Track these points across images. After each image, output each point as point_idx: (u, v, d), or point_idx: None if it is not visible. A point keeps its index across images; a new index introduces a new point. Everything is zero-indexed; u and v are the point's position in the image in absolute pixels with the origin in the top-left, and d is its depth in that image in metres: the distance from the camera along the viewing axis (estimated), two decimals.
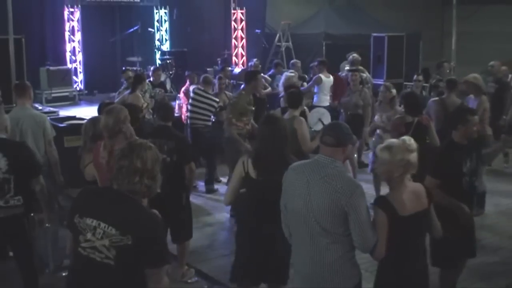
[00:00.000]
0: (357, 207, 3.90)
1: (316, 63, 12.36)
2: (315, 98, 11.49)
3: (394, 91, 9.06)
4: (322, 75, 11.57)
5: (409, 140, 4.17)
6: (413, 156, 4.11)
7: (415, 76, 10.48)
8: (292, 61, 14.19)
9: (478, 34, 21.88)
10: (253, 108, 8.60)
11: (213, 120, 10.08)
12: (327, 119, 7.60)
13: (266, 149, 5.00)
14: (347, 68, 12.50)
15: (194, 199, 8.35)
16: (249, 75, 9.01)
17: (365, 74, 12.29)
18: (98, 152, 5.48)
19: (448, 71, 11.90)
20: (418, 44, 20.52)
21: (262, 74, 10.88)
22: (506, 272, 6.76)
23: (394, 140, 4.23)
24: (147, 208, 3.52)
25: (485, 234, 7.59)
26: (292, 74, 10.70)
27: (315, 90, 11.51)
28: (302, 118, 7.25)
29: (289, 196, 4.19)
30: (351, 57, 12.47)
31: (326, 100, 11.41)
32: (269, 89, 11.89)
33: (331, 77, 11.78)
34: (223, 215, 8.64)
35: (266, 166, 4.94)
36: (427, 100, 9.67)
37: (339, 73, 12.84)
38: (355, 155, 10.07)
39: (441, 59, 14.41)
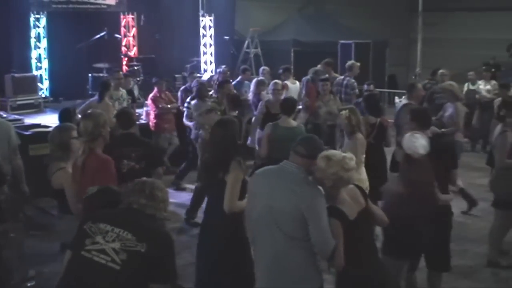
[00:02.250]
0: (317, 212, 3.99)
1: (281, 70, 12.41)
2: None
3: None
4: (288, 82, 11.60)
5: (349, 159, 4.19)
6: (347, 175, 4.13)
7: (365, 86, 10.25)
8: (261, 68, 14.19)
9: (444, 41, 22.21)
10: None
11: None
12: None
13: (216, 152, 5.05)
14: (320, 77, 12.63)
15: None
16: (219, 84, 9.32)
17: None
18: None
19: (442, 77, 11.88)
20: (385, 51, 20.75)
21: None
22: (471, 274, 6.84)
23: (335, 153, 4.26)
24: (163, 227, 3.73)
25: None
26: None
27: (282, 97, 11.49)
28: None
29: (253, 201, 4.27)
30: (312, 70, 12.44)
31: None
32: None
33: (297, 84, 11.83)
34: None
35: (215, 170, 4.99)
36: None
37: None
38: None
39: (407, 65, 14.55)
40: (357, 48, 18.67)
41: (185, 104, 10.45)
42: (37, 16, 14.82)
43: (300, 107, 12.17)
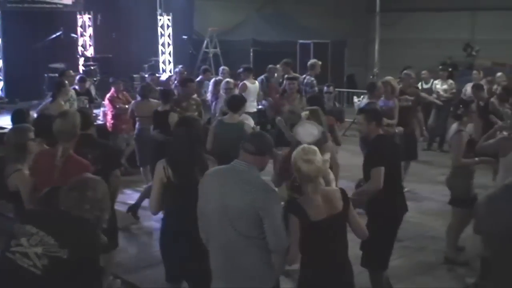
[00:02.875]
0: (271, 210, 3.98)
1: (241, 70, 12.41)
2: None
3: None
4: (247, 82, 11.60)
5: (309, 151, 4.18)
6: (306, 167, 4.10)
7: (325, 88, 10.20)
8: (221, 68, 14.16)
9: (401, 41, 22.49)
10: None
11: None
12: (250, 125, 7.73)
13: (181, 151, 4.98)
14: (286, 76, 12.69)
15: (120, 207, 8.19)
16: (181, 83, 9.31)
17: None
18: (47, 157, 5.31)
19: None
20: (344, 51, 20.91)
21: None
22: (429, 271, 6.91)
23: (302, 146, 4.28)
24: (96, 231, 3.58)
25: (408, 234, 7.70)
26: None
27: None
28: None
29: (205, 201, 4.21)
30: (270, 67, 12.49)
31: (253, 106, 11.40)
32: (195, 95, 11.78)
33: (257, 83, 11.85)
34: (151, 223, 8.46)
35: (183, 169, 4.93)
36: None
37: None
38: None
39: (366, 65, 14.67)
40: (316, 48, 18.78)
41: None
42: None
43: (260, 106, 12.26)
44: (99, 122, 11.36)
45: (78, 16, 17.01)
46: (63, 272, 3.30)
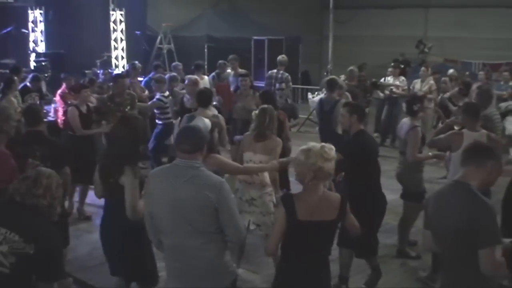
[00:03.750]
0: (226, 202, 3.96)
1: (193, 67, 12.40)
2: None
3: None
4: (198, 78, 11.56)
5: (329, 148, 4.13)
6: (328, 165, 4.06)
7: (277, 85, 10.10)
8: (173, 64, 14.07)
9: (354, 38, 22.66)
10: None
11: None
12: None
13: (119, 150, 4.96)
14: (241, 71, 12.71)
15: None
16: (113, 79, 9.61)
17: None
18: None
19: None
20: (298, 48, 20.97)
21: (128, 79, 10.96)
22: (381, 265, 6.96)
23: (315, 144, 4.18)
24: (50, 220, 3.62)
25: None
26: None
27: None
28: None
29: (154, 203, 4.13)
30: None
31: None
32: (146, 92, 11.67)
33: (206, 79, 11.90)
34: None
35: (105, 167, 4.94)
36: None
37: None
38: None
39: (320, 62, 14.76)
40: (270, 44, 18.80)
41: None
42: None
43: (215, 103, 12.21)
44: (50, 118, 11.19)
45: (30, 12, 16.68)
46: (30, 267, 3.31)
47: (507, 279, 6.55)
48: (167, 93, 10.45)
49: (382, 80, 14.28)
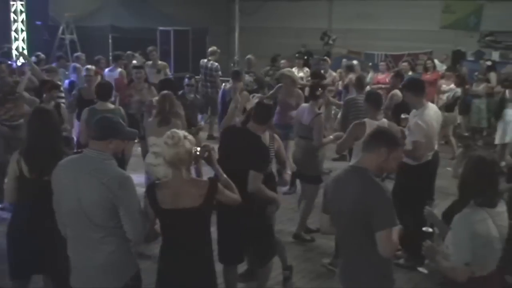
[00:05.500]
0: (126, 199, 3.93)
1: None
2: None
3: None
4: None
5: (171, 133, 4.09)
6: (171, 151, 4.02)
7: (186, 80, 9.91)
8: (76, 54, 13.77)
9: (261, 29, 22.77)
10: None
11: None
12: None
13: (36, 144, 4.82)
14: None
15: None
16: None
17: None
18: None
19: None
20: (205, 39, 20.87)
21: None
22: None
23: (170, 131, 4.17)
24: None
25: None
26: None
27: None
28: None
29: (60, 193, 4.11)
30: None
31: None
32: None
33: (117, 70, 11.73)
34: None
35: (38, 162, 4.75)
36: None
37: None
38: None
39: (227, 53, 14.84)
40: (176, 35, 18.67)
41: None
42: None
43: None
44: None
45: None
46: None
47: (403, 258, 6.89)
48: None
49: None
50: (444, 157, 7.78)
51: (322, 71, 13.03)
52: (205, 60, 13.80)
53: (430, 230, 4.39)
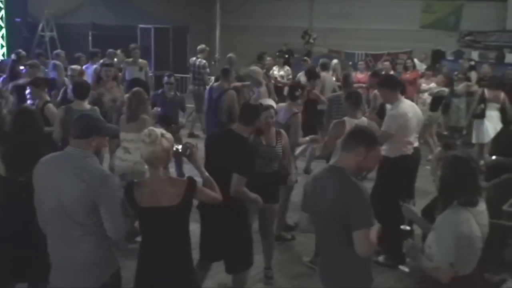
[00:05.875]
0: (107, 197, 3.91)
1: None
2: None
3: None
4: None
5: (148, 131, 4.05)
6: (148, 149, 3.99)
7: (166, 78, 9.76)
8: (55, 52, 13.68)
9: (242, 27, 22.77)
10: None
11: None
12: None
13: (15, 143, 4.79)
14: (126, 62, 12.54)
15: None
16: None
17: None
18: None
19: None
20: (186, 37, 20.83)
21: None
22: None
23: (147, 129, 4.13)
24: None
25: None
26: None
27: None
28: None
29: (41, 190, 4.08)
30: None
31: None
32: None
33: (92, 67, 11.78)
34: None
35: (15, 161, 4.72)
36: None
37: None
38: None
39: (208, 51, 14.80)
40: (157, 33, 18.61)
41: None
42: None
43: None
44: None
45: None
46: None
47: (383, 256, 6.93)
48: None
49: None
50: (423, 156, 7.78)
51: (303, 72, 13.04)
52: (194, 58, 13.87)
53: (408, 228, 4.43)
